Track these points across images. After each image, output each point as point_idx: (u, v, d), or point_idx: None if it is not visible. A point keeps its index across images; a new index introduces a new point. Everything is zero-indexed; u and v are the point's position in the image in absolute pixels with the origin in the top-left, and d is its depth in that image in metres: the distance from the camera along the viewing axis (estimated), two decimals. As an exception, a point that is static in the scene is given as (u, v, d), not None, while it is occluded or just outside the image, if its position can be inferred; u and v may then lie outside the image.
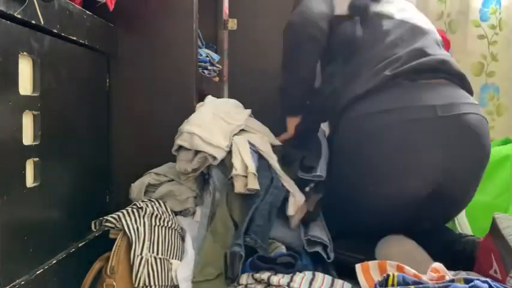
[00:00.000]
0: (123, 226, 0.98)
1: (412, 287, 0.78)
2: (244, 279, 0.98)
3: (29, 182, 0.86)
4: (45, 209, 0.93)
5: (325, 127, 1.37)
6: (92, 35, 1.12)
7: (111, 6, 1.14)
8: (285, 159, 1.22)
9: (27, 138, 0.86)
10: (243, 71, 1.86)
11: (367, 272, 0.92)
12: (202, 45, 1.68)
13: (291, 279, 0.96)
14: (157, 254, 0.99)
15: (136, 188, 1.18)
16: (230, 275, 0.99)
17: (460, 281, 0.77)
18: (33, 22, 0.84)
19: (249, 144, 1.18)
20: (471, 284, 0.76)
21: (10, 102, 0.80)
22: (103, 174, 1.28)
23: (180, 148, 1.16)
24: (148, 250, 0.98)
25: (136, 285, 0.94)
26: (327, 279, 1.01)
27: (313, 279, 0.98)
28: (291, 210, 1.13)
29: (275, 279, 0.95)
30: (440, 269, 0.84)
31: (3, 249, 0.78)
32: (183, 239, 1.10)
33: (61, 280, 0.95)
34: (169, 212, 1.11)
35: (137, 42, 1.32)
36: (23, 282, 0.82)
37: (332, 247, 1.11)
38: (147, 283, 0.95)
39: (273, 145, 1.26)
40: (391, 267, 0.89)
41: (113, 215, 1.01)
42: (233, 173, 1.09)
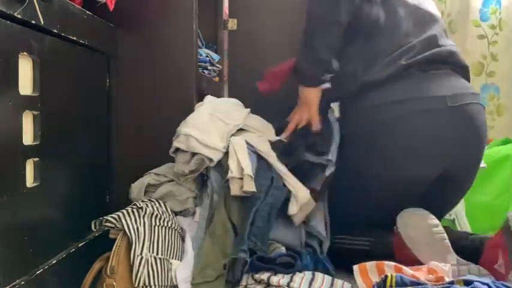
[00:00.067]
0: (123, 226, 0.98)
1: (410, 288, 0.78)
2: (244, 279, 0.98)
3: (29, 182, 0.86)
4: (45, 209, 0.93)
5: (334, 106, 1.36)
6: (92, 35, 1.12)
7: (111, 6, 1.14)
8: (290, 147, 1.23)
9: (27, 138, 0.86)
10: (243, 71, 1.86)
11: (365, 273, 0.92)
12: (202, 45, 1.68)
13: (291, 280, 0.96)
14: (157, 254, 0.99)
15: (136, 188, 1.18)
16: (231, 279, 0.99)
17: (459, 283, 0.77)
18: (33, 22, 0.84)
19: (247, 144, 1.17)
20: (471, 285, 0.76)
21: (10, 102, 0.80)
22: (103, 174, 1.28)
23: (177, 150, 1.16)
24: (148, 250, 0.98)
25: (136, 285, 0.94)
26: (327, 279, 1.01)
27: (313, 279, 0.98)
28: (292, 210, 1.12)
29: (275, 280, 0.95)
30: (439, 269, 0.84)
31: (3, 249, 0.78)
32: (183, 239, 1.10)
33: (61, 280, 0.95)
34: (169, 212, 1.11)
35: (137, 42, 1.32)
36: (23, 282, 0.82)
37: (328, 243, 1.14)
38: (147, 283, 0.95)
39: (271, 142, 1.25)
40: (389, 268, 0.89)
41: (113, 215, 1.01)
42: (229, 175, 1.09)
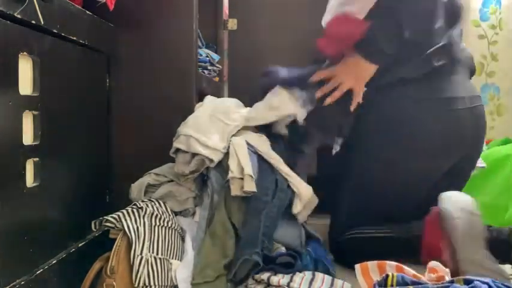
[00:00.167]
0: (123, 226, 0.98)
1: (411, 287, 0.78)
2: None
3: (29, 182, 0.87)
4: (45, 209, 0.93)
5: None
6: (92, 35, 1.12)
7: (111, 6, 1.14)
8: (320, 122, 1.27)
9: (27, 138, 0.86)
10: (243, 71, 1.86)
11: (367, 272, 0.92)
12: (202, 45, 1.68)
13: (291, 279, 0.96)
14: (157, 254, 0.99)
15: (136, 188, 1.18)
16: (233, 278, 0.99)
17: (459, 282, 0.77)
18: (33, 22, 0.84)
19: (247, 144, 1.17)
20: (471, 285, 0.76)
21: (10, 102, 0.80)
22: (103, 174, 1.28)
23: (177, 150, 1.16)
24: (148, 250, 0.98)
25: (136, 285, 0.94)
26: (327, 279, 1.01)
27: (313, 279, 0.98)
28: (296, 208, 1.14)
29: (275, 280, 0.95)
30: (439, 269, 0.84)
31: (3, 249, 0.78)
32: (183, 239, 1.10)
33: (61, 280, 0.95)
34: (169, 212, 1.11)
35: (137, 42, 1.32)
36: (23, 282, 0.82)
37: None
38: (147, 283, 0.95)
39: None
40: (391, 268, 0.89)
41: (113, 215, 1.00)
42: (229, 175, 1.09)
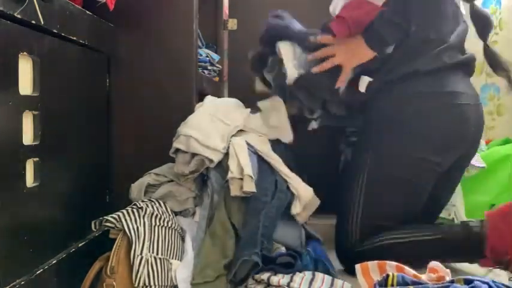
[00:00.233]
0: (123, 226, 0.98)
1: (411, 287, 0.78)
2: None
3: (29, 182, 0.87)
4: (45, 209, 0.93)
5: None
6: (92, 35, 1.12)
7: (111, 6, 1.14)
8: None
9: (27, 138, 0.86)
10: (243, 71, 1.86)
11: (367, 272, 0.92)
12: (202, 45, 1.68)
13: (291, 280, 0.96)
14: (157, 254, 0.99)
15: (136, 188, 1.18)
16: (233, 278, 0.99)
17: (460, 282, 0.77)
18: (33, 22, 0.84)
19: (248, 145, 1.17)
20: (471, 284, 0.76)
21: (10, 102, 0.80)
22: (103, 174, 1.29)
23: (177, 150, 1.16)
24: (148, 250, 0.98)
25: (136, 285, 0.94)
26: (327, 279, 1.01)
27: (313, 279, 0.98)
28: (296, 209, 1.14)
29: (275, 280, 0.95)
30: (440, 268, 0.84)
31: (3, 249, 0.78)
32: (183, 239, 1.10)
33: (61, 280, 0.95)
34: (169, 212, 1.11)
35: (137, 42, 1.32)
36: (23, 282, 0.82)
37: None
38: (147, 283, 0.95)
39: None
40: (391, 268, 0.89)
41: (113, 215, 1.01)
42: (229, 176, 1.09)
